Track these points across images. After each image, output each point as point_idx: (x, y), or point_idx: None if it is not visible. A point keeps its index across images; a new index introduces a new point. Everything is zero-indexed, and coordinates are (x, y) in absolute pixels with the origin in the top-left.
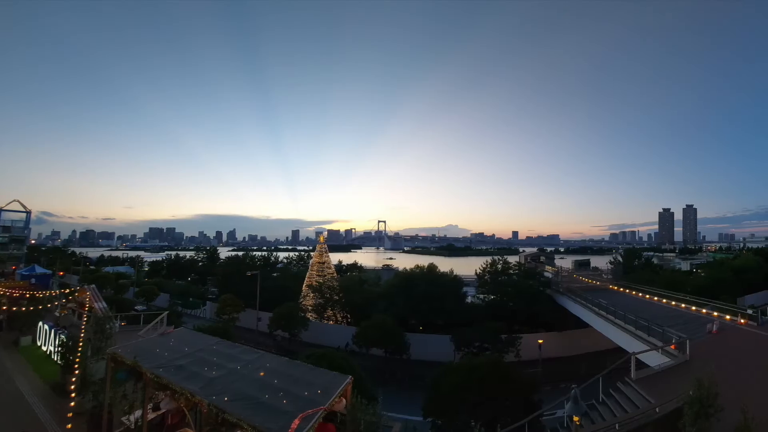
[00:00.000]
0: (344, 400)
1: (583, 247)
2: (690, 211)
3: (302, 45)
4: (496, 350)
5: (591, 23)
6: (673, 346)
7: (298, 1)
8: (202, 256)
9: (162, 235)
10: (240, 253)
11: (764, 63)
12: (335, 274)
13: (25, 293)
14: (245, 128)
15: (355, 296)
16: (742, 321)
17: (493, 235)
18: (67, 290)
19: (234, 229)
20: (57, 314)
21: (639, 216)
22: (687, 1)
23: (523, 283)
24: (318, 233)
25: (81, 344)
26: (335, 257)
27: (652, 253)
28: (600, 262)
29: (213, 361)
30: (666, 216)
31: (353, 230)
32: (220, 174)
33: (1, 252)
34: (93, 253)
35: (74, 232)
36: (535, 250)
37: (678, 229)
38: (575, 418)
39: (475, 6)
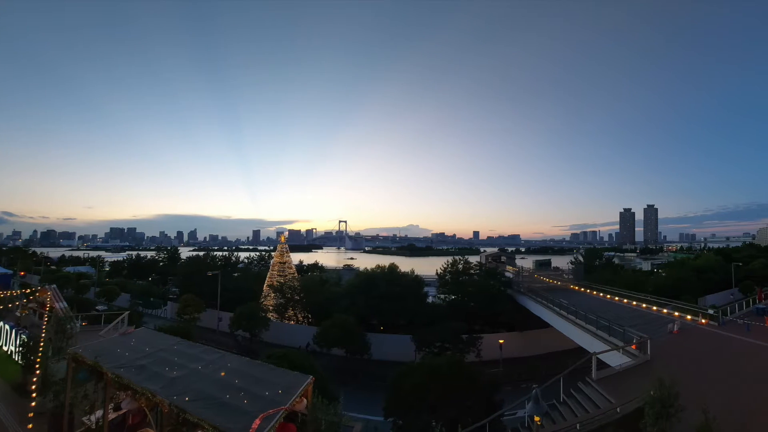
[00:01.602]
0: (305, 400)
1: (544, 247)
2: (651, 211)
3: (262, 44)
4: (457, 350)
5: (552, 23)
6: (634, 346)
7: (257, 0)
8: (163, 256)
9: (123, 235)
10: (201, 253)
11: (725, 64)
12: (296, 274)
13: None
14: (205, 128)
15: (316, 296)
16: (703, 321)
17: (454, 235)
18: (28, 290)
19: (195, 229)
20: (18, 314)
21: (600, 216)
22: (648, 2)
23: (484, 283)
24: (279, 233)
25: (42, 344)
26: (296, 257)
27: (613, 253)
28: (561, 262)
29: (174, 361)
30: (627, 216)
31: (314, 230)
32: (180, 174)
33: None
34: (54, 253)
35: (35, 232)
36: (496, 250)
37: (639, 229)
38: (536, 418)
39: (434, 5)
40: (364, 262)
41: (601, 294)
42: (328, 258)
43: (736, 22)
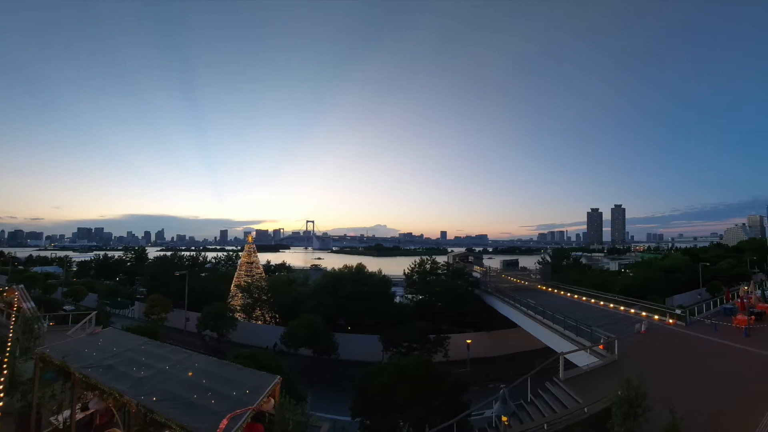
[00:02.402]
0: (273, 400)
1: (512, 247)
2: (618, 211)
3: (229, 44)
4: (424, 350)
5: (517, 23)
6: (601, 346)
7: (224, 0)
8: (130, 256)
9: (90, 235)
10: (168, 253)
11: (690, 63)
12: (264, 274)
13: None
14: (173, 128)
15: (284, 296)
16: (671, 321)
17: (422, 235)
18: None
19: (162, 229)
20: None
21: (567, 216)
22: (615, 2)
23: (451, 283)
24: (246, 233)
25: (9, 344)
26: (263, 257)
27: (580, 253)
28: (528, 262)
29: (141, 361)
30: (594, 216)
31: (282, 230)
32: (147, 174)
33: None
34: (21, 253)
35: (2, 232)
36: (463, 250)
37: (606, 229)
38: (504, 418)
39: (402, 6)
40: (332, 262)
41: (569, 294)
42: (295, 258)
43: (703, 22)
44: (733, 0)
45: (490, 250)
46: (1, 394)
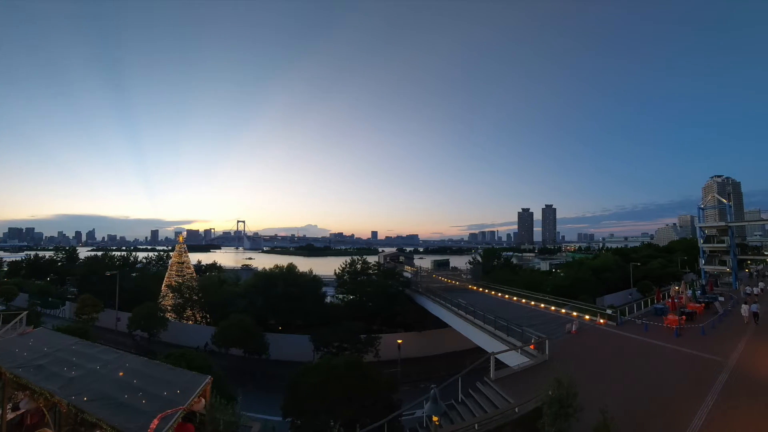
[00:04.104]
0: (203, 400)
1: (443, 247)
2: (549, 211)
3: (160, 44)
4: (355, 350)
5: (451, 24)
6: (532, 346)
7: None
8: (61, 256)
9: (21, 235)
10: (99, 253)
11: (622, 63)
12: (194, 274)
13: None
14: (104, 128)
15: (215, 296)
16: (602, 321)
17: (353, 235)
18: None
19: (93, 229)
20: None
21: (498, 216)
22: (546, 3)
23: (382, 283)
24: (177, 233)
25: None
26: (194, 257)
27: (511, 253)
28: (459, 262)
29: (72, 361)
30: (525, 216)
31: (212, 230)
32: (79, 174)
33: None
34: None
35: None
36: (394, 250)
37: (537, 229)
38: (434, 418)
39: (333, 6)
40: (263, 262)
41: (500, 294)
42: (226, 258)
43: (635, 23)
44: (664, 1)
45: (421, 250)
46: None
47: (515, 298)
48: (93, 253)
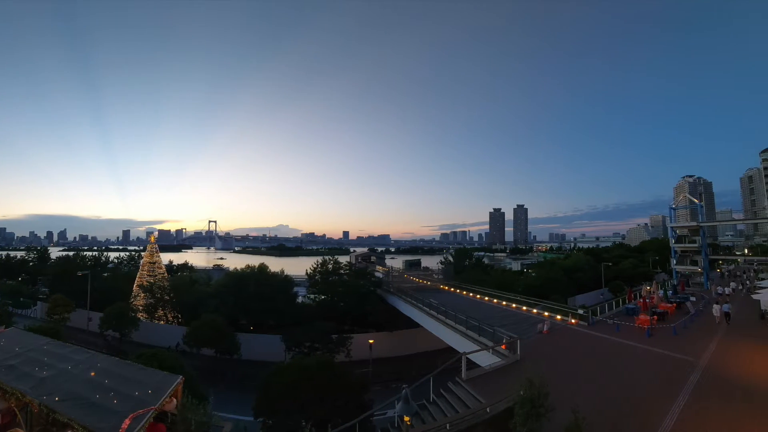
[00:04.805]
0: (175, 400)
1: (414, 247)
2: (521, 211)
3: (131, 44)
4: (326, 350)
5: (420, 23)
6: (503, 346)
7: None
8: (32, 256)
9: None
10: (71, 253)
11: (592, 63)
12: (166, 274)
13: None
14: (75, 128)
15: (186, 296)
16: (573, 321)
17: (324, 235)
18: None
19: (65, 229)
20: None
21: (470, 216)
22: (516, 2)
23: (353, 283)
24: (149, 233)
25: None
26: (166, 257)
27: (483, 253)
28: (431, 262)
29: (44, 362)
30: (497, 216)
31: (184, 230)
32: (50, 174)
33: None
34: None
35: None
36: (366, 250)
37: (509, 229)
38: (406, 418)
39: (303, 6)
40: (234, 262)
41: (471, 294)
42: (198, 258)
43: (606, 23)
44: (635, 2)
45: (393, 250)
46: None
47: (487, 298)
48: (64, 253)
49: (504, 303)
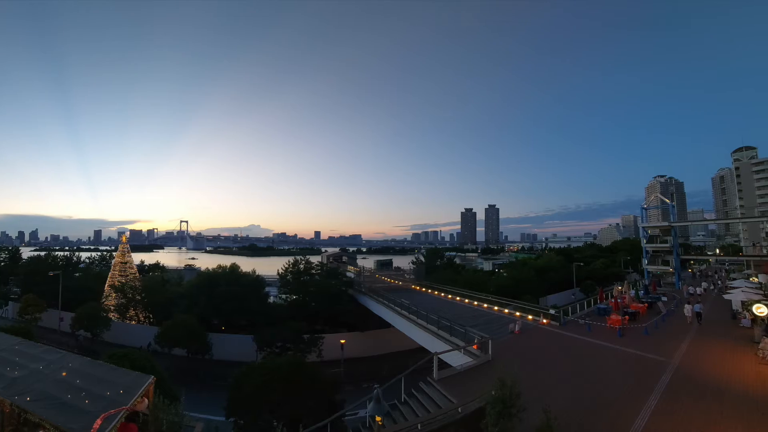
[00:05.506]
0: (146, 400)
1: (386, 247)
2: (492, 211)
3: (102, 43)
4: (298, 350)
5: (393, 24)
6: (475, 346)
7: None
8: (4, 256)
9: None
10: (42, 253)
11: (563, 64)
12: (138, 274)
13: None
14: (45, 126)
15: (158, 296)
16: (545, 321)
17: (296, 235)
18: None
19: (36, 229)
20: None
21: (442, 216)
22: (486, 3)
23: (325, 283)
24: (120, 233)
25: None
26: (137, 257)
27: (454, 253)
28: (402, 262)
29: (15, 361)
30: (468, 216)
31: (156, 230)
32: (21, 173)
33: None
34: None
35: None
36: (337, 250)
37: (480, 229)
38: (377, 418)
39: (272, 6)
40: (206, 262)
41: (443, 294)
42: (169, 258)
43: (576, 24)
44: (605, 3)
45: (364, 250)
46: None
47: (458, 298)
48: (36, 253)
49: (476, 303)
